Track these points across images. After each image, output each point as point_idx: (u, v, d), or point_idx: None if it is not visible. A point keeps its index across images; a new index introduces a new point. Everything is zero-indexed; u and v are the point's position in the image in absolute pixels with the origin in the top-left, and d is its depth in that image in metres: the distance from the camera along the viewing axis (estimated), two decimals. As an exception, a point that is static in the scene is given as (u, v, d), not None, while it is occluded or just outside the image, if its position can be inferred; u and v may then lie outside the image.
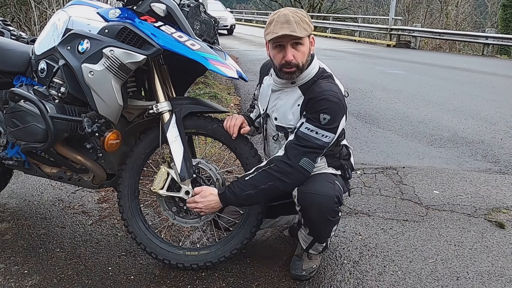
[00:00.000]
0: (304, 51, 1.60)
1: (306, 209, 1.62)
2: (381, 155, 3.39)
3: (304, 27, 1.55)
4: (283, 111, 1.70)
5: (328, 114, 1.56)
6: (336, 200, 1.59)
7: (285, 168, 1.56)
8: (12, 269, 1.83)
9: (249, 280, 1.79)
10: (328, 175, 1.69)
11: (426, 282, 1.79)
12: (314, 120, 1.57)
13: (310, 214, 1.62)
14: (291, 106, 1.67)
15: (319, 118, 1.56)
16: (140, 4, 1.64)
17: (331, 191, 1.59)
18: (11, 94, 1.69)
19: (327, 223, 1.64)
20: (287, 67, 1.60)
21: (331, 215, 1.61)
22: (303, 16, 1.58)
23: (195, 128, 1.77)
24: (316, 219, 1.63)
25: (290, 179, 1.57)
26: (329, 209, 1.59)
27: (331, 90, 1.60)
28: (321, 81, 1.64)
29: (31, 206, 2.42)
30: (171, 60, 1.80)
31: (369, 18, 22.08)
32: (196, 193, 1.65)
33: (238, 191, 1.59)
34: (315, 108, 1.58)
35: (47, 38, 1.80)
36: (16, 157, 1.91)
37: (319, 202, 1.58)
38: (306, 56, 1.61)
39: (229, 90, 5.82)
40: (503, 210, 2.45)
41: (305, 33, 1.56)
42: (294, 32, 1.52)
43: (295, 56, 1.58)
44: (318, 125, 1.56)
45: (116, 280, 1.78)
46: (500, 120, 4.47)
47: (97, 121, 1.66)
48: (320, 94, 1.58)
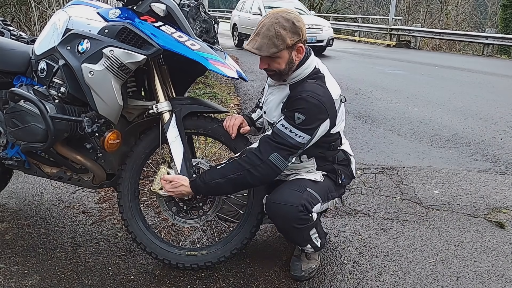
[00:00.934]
0: (280, 62, 1.57)
1: (273, 218, 1.67)
2: (381, 155, 3.39)
3: (274, 44, 1.51)
4: (270, 106, 1.73)
5: (303, 115, 1.53)
6: (301, 208, 1.58)
7: (255, 160, 1.56)
8: (12, 269, 1.83)
9: (249, 280, 1.79)
10: (302, 181, 1.68)
11: (426, 282, 1.79)
12: (289, 118, 1.57)
13: (277, 223, 1.67)
14: (277, 103, 1.69)
15: (294, 117, 1.55)
16: (140, 4, 1.64)
17: (296, 200, 1.59)
18: (11, 94, 1.69)
19: (296, 231, 1.65)
20: (267, 71, 1.64)
21: (297, 223, 1.61)
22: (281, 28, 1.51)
23: (195, 128, 1.77)
24: (282, 227, 1.67)
25: (258, 172, 1.56)
26: (293, 219, 1.60)
27: (313, 91, 1.56)
28: (308, 81, 1.62)
29: (31, 206, 2.42)
30: (171, 60, 1.80)
31: (369, 18, 22.07)
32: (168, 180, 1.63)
33: (208, 179, 1.59)
34: (292, 106, 1.58)
35: (47, 38, 1.80)
36: (16, 157, 1.91)
37: (283, 212, 1.59)
38: (284, 65, 1.58)
39: (229, 90, 5.82)
40: (503, 210, 2.45)
41: (273, 50, 1.52)
42: (259, 52, 1.55)
43: (270, 65, 1.59)
44: (293, 124, 1.55)
45: (116, 280, 1.78)
46: (500, 120, 4.47)
47: (97, 121, 1.66)
48: (299, 94, 1.57)
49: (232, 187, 1.61)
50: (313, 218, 1.66)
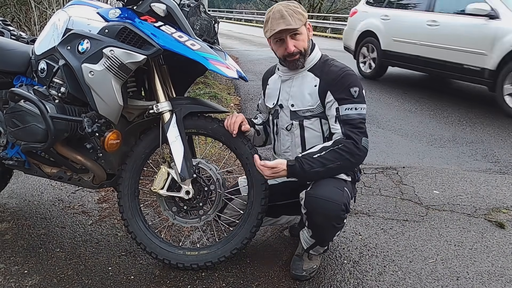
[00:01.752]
0: (303, 39, 1.70)
1: (312, 213, 1.62)
2: (381, 155, 3.39)
3: (298, 18, 1.65)
4: (299, 95, 1.75)
5: (356, 86, 1.66)
6: (343, 207, 1.58)
7: (353, 148, 1.59)
8: (12, 269, 1.83)
9: (249, 280, 1.79)
10: (339, 180, 1.67)
11: (426, 282, 1.79)
12: (347, 98, 1.64)
13: (316, 219, 1.62)
14: (307, 88, 1.73)
15: (351, 93, 1.64)
16: (140, 4, 1.64)
17: (339, 198, 1.58)
18: (11, 94, 1.69)
19: (331, 229, 1.64)
20: (290, 57, 1.70)
21: (337, 222, 1.61)
22: (295, 7, 1.67)
23: (195, 128, 1.77)
24: (321, 224, 1.63)
25: (355, 159, 1.61)
26: (335, 216, 1.59)
27: (344, 66, 1.73)
28: (332, 62, 1.76)
29: (31, 206, 2.42)
30: (171, 60, 1.80)
31: (369, 18, 22.04)
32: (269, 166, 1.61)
33: (307, 167, 1.58)
34: (343, 85, 1.66)
35: (47, 38, 1.80)
36: (16, 157, 1.91)
37: (326, 208, 1.57)
38: (306, 42, 1.71)
39: (229, 90, 5.82)
40: (503, 210, 2.45)
41: (300, 23, 1.65)
42: (290, 25, 1.63)
43: (296, 45, 1.68)
44: (353, 100, 1.64)
45: (116, 280, 1.78)
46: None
47: (97, 121, 1.66)
48: (340, 72, 1.68)
49: (329, 174, 1.62)
50: (345, 220, 1.66)
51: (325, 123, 1.73)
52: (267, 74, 1.96)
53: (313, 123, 1.74)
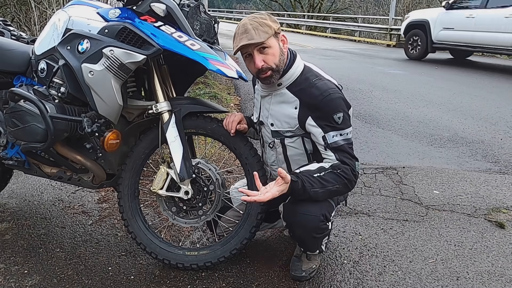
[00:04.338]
0: (274, 53, 1.58)
1: (291, 226, 1.65)
2: (381, 155, 3.39)
3: (264, 31, 1.54)
4: (278, 115, 1.69)
5: (340, 112, 1.57)
6: (321, 218, 1.58)
7: (350, 174, 1.57)
8: (12, 269, 1.83)
9: (249, 280, 1.79)
10: None
11: (426, 282, 1.79)
12: (331, 125, 1.57)
13: (294, 231, 1.65)
14: (286, 109, 1.66)
15: (335, 120, 1.57)
16: (140, 4, 1.64)
17: (317, 210, 1.58)
18: (11, 94, 1.69)
19: (312, 240, 1.66)
20: (261, 73, 1.60)
21: (316, 232, 1.62)
22: (262, 19, 1.57)
23: (195, 128, 1.77)
24: (300, 236, 1.66)
25: (351, 184, 1.59)
26: (313, 228, 1.60)
27: (328, 88, 1.59)
28: (315, 82, 1.62)
29: (31, 206, 2.42)
30: (171, 60, 1.80)
31: (369, 18, 22.07)
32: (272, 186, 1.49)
33: (308, 186, 1.52)
34: (326, 112, 1.57)
35: (47, 38, 1.80)
36: (16, 157, 1.91)
37: (304, 221, 1.58)
38: (278, 57, 1.59)
39: (229, 90, 5.82)
40: (503, 210, 2.45)
41: (266, 35, 1.54)
42: (253, 40, 1.53)
43: (265, 60, 1.57)
44: (338, 127, 1.57)
45: (116, 280, 1.78)
46: (500, 120, 4.47)
47: (97, 121, 1.66)
48: (321, 97, 1.57)
49: (325, 196, 1.59)
50: (329, 227, 1.66)
51: (307, 142, 1.69)
52: (254, 79, 1.89)
53: (295, 142, 1.70)
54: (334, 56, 10.22)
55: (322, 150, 1.62)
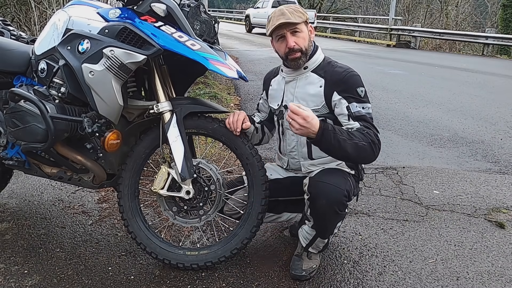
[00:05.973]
0: (304, 37, 1.73)
1: (315, 197, 1.62)
2: (381, 155, 3.37)
3: (298, 15, 1.69)
4: (303, 96, 1.76)
5: (362, 86, 1.69)
6: (346, 193, 1.61)
7: (375, 138, 1.59)
8: (12, 269, 1.83)
9: (249, 280, 1.79)
10: (343, 171, 1.73)
11: (426, 282, 1.79)
12: (355, 97, 1.66)
13: (318, 203, 1.61)
14: (312, 89, 1.75)
15: (358, 93, 1.67)
16: (140, 4, 1.64)
17: (343, 184, 1.63)
18: (11, 94, 1.69)
19: (333, 215, 1.64)
20: (291, 54, 1.72)
21: (339, 208, 1.62)
22: (296, 7, 1.74)
23: (196, 128, 1.77)
24: (323, 209, 1.62)
25: (377, 149, 1.59)
26: (337, 201, 1.60)
27: (350, 67, 1.75)
28: (336, 63, 1.79)
29: (31, 206, 2.42)
30: (171, 60, 1.80)
31: (369, 18, 22.08)
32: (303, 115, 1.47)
33: (338, 132, 1.51)
34: (349, 85, 1.68)
35: (47, 38, 1.80)
36: (16, 157, 1.91)
37: (329, 192, 1.59)
38: (307, 41, 1.73)
39: (229, 90, 5.82)
40: (503, 210, 2.45)
41: (300, 19, 1.69)
42: (289, 19, 1.67)
43: (296, 41, 1.71)
44: (361, 99, 1.67)
45: (116, 280, 1.78)
46: (500, 120, 4.47)
47: (97, 121, 1.66)
48: (345, 73, 1.71)
49: (353, 150, 1.53)
50: (347, 209, 1.69)
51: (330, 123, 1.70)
52: (269, 75, 1.97)
53: None
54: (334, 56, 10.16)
55: (345, 121, 1.67)
